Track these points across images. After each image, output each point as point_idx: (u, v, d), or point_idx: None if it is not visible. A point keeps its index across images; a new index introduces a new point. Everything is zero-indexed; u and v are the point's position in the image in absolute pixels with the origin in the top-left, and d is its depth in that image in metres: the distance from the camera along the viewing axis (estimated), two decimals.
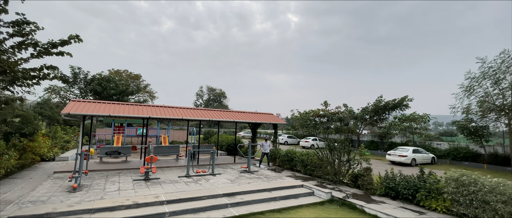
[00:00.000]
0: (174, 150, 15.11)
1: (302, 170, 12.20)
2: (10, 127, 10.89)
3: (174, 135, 27.83)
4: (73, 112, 10.10)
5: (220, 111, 15.30)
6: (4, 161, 9.24)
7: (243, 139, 33.47)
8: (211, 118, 13.05)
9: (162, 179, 9.56)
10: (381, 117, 29.99)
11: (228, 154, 18.70)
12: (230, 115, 14.50)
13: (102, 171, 10.86)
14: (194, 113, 13.54)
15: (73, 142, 18.83)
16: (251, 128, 17.66)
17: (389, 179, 8.74)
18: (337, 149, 10.41)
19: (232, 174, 11.01)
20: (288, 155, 13.06)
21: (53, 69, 7.72)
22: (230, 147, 18.65)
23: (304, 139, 31.59)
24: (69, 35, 7.69)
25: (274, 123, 15.47)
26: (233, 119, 13.74)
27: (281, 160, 13.71)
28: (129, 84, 34.76)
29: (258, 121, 14.60)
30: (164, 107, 13.42)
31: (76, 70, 26.98)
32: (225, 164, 13.74)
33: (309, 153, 12.25)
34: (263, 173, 11.70)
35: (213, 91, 69.68)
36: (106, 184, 8.56)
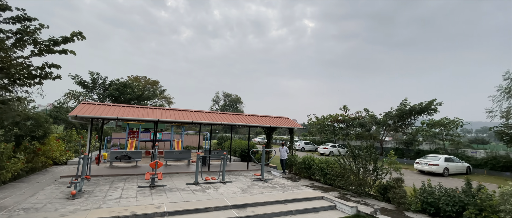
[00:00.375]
0: (185, 155, 14.51)
1: (321, 179, 11.06)
2: (21, 130, 10.77)
3: (188, 140, 27.49)
4: (81, 115, 9.76)
5: (233, 114, 14.55)
6: (11, 165, 9.00)
7: (258, 145, 32.54)
8: (223, 122, 12.31)
9: (169, 186, 8.86)
10: (406, 123, 27.92)
11: (242, 160, 17.84)
12: (243, 119, 13.70)
13: (109, 176, 10.40)
14: (205, 116, 12.89)
15: None
16: (265, 133, 16.74)
17: (426, 192, 7.44)
18: (362, 156, 9.21)
19: (244, 182, 10.12)
20: (306, 163, 11.97)
21: (55, 68, 7.35)
22: (244, 153, 17.80)
23: (322, 145, 30.07)
24: (71, 32, 7.30)
25: (290, 128, 14.46)
26: (246, 123, 12.92)
27: (298, 168, 12.64)
28: (145, 89, 35.22)
29: (273, 126, 13.67)
30: (174, 110, 12.89)
31: (95, 75, 27.57)
32: (237, 171, 12.88)
33: (329, 160, 11.11)
34: (278, 181, 10.70)
35: (229, 97, 69.64)
36: (109, 191, 7.99)
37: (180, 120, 11.48)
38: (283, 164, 13.19)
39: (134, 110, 11.57)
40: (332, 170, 10.52)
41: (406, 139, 28.33)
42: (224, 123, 12.32)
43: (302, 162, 12.25)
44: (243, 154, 17.85)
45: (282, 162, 13.20)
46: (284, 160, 13.12)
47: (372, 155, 9.18)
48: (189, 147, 26.38)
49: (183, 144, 22.58)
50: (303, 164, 12.11)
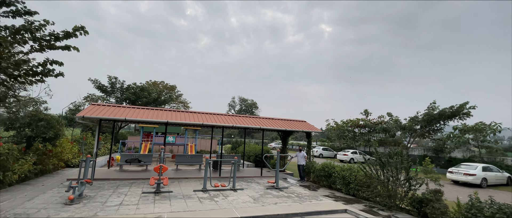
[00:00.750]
0: (197, 159, 13.90)
1: (343, 189, 9.91)
2: (33, 131, 10.65)
3: (202, 144, 27.07)
4: (88, 116, 9.42)
5: (246, 117, 13.79)
6: (18, 167, 8.78)
7: (273, 150, 31.49)
8: (235, 124, 11.57)
9: (175, 193, 8.18)
10: (435, 128, 25.76)
11: (256, 166, 16.95)
12: (256, 122, 12.88)
13: (115, 180, 9.94)
14: (217, 118, 12.21)
15: (103, 149, 18.88)
16: (281, 137, 15.79)
17: (475, 207, 6.16)
18: (392, 164, 8.02)
19: (257, 190, 9.23)
20: (326, 170, 10.87)
21: (57, 64, 6.98)
22: (258, 158, 16.91)
23: (342, 152, 28.46)
24: (73, 26, 6.92)
25: (308, 132, 13.42)
26: (260, 126, 12.08)
27: (317, 176, 11.55)
28: (161, 93, 35.54)
29: (289, 129, 12.72)
30: (185, 112, 12.36)
31: (113, 79, 28.08)
32: (250, 178, 12.01)
33: (352, 168, 9.96)
34: (294, 190, 9.70)
35: (245, 102, 69.36)
36: (110, 197, 7.43)
37: (190, 122, 10.89)
38: (301, 171, 12.15)
39: (144, 112, 11.14)
40: (356, 179, 9.36)
41: (435, 146, 26.08)
42: (236, 125, 11.56)
43: (321, 169, 11.16)
44: (257, 159, 16.97)
45: (300, 169, 12.16)
46: (302, 166, 12.08)
47: (404, 163, 7.96)
48: (203, 151, 25.91)
49: (196, 148, 22.11)
50: (323, 171, 11.01)
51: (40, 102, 11.25)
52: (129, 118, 9.92)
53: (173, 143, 21.19)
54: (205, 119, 11.56)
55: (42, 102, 11.33)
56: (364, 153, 28.88)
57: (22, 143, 10.61)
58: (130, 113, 10.52)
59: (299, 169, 12.28)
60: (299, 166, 12.15)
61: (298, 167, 12.29)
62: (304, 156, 12.46)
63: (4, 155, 8.04)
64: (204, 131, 60.33)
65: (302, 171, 12.11)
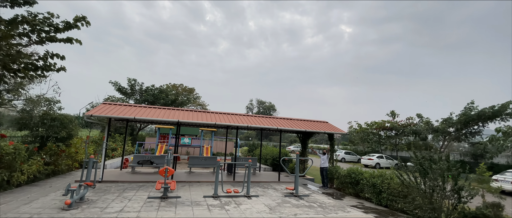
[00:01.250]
0: (211, 161, 13.17)
1: (373, 198, 8.62)
2: (46, 130, 10.48)
3: (218, 146, 26.48)
4: (97, 114, 9.00)
5: (262, 117, 12.85)
6: (26, 167, 8.51)
7: (292, 153, 30.20)
8: (250, 125, 10.68)
9: (183, 198, 7.42)
10: (472, 130, 23.22)
11: (273, 170, 15.93)
12: (273, 122, 11.91)
13: (124, 182, 9.42)
14: (231, 118, 11.41)
15: (120, 150, 18.83)
16: (300, 139, 14.67)
17: None
18: (436, 171, 6.67)
19: (273, 198, 8.23)
20: (352, 176, 9.62)
21: (59, 58, 6.50)
22: (276, 162, 15.88)
23: (367, 156, 26.55)
24: (74, 16, 6.42)
25: (330, 133, 12.20)
26: (277, 127, 11.09)
27: (341, 182, 10.31)
28: (179, 95, 35.66)
29: (309, 130, 11.59)
30: (197, 112, 11.69)
31: (132, 81, 28.47)
32: (267, 183, 11.03)
33: (383, 174, 8.65)
34: (316, 199, 8.58)
35: (263, 104, 68.57)
36: (113, 201, 6.82)
37: (203, 122, 10.16)
38: (324, 176, 10.96)
39: (154, 111, 10.60)
40: (389, 187, 8.06)
41: (473, 151, 23.45)
42: (252, 126, 10.67)
43: (347, 175, 9.91)
44: (275, 163, 15.95)
45: (323, 173, 10.98)
46: (325, 170, 10.90)
47: (452, 170, 6.58)
48: (220, 153, 25.29)
49: (212, 150, 21.52)
50: (349, 177, 9.77)
51: (54, 102, 11.09)
52: (138, 117, 9.39)
53: (189, 145, 20.75)
54: (218, 119, 10.80)
55: (56, 102, 11.16)
56: (391, 157, 26.75)
57: (35, 143, 10.50)
58: (141, 112, 10.01)
59: (322, 174, 11.11)
60: (322, 170, 10.97)
61: (321, 172, 11.12)
62: (328, 159, 11.28)
63: (10, 155, 7.76)
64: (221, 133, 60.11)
65: (325, 176, 10.91)
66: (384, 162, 25.61)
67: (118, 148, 18.85)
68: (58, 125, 10.95)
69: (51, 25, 6.11)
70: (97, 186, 8.59)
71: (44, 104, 10.97)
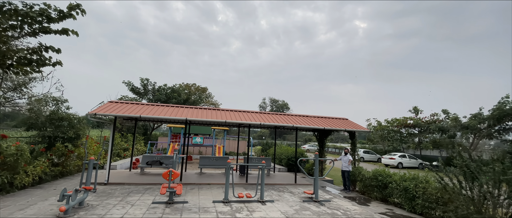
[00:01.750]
0: (222, 162, 12.49)
1: (405, 205, 7.54)
2: (53, 131, 10.18)
3: (231, 145, 25.86)
4: (102, 113, 8.51)
5: (276, 114, 11.99)
6: (31, 169, 8.17)
7: (308, 153, 29.07)
8: (263, 122, 9.87)
9: (190, 204, 6.74)
10: (507, 127, 21.20)
11: (289, 171, 15.03)
12: (288, 119, 11.02)
13: (131, 185, 8.89)
14: (243, 116, 10.64)
15: None
16: (317, 138, 13.67)
17: None
18: (489, 175, 5.54)
19: (291, 204, 7.37)
20: (379, 179, 8.56)
21: (54, 51, 5.99)
22: (291, 162, 14.96)
23: (388, 155, 24.97)
24: (68, 4, 5.86)
25: (351, 131, 11.14)
26: (293, 124, 10.19)
27: (366, 185, 9.26)
28: (192, 94, 35.45)
29: (328, 128, 10.60)
30: (207, 109, 11.02)
31: (145, 81, 28.45)
32: (282, 185, 10.17)
33: (416, 177, 7.55)
34: (338, 204, 7.64)
35: (276, 103, 67.63)
36: (114, 207, 6.23)
37: (212, 120, 9.46)
38: (346, 178, 9.96)
39: (162, 109, 10.03)
40: (425, 192, 6.97)
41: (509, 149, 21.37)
42: (265, 124, 9.85)
43: (372, 178, 8.86)
44: (290, 163, 15.03)
45: (345, 175, 9.98)
46: (348, 173, 9.88)
47: (508, 173, 5.43)
48: (232, 153, 24.67)
49: (225, 149, 20.91)
50: (375, 180, 8.71)
51: (61, 101, 10.79)
52: (144, 116, 8.82)
53: (201, 144, 20.26)
54: (230, 117, 10.06)
55: (63, 101, 10.86)
56: (414, 156, 25.04)
57: (43, 143, 10.25)
58: (147, 111, 9.45)
59: (343, 176, 10.10)
60: (344, 173, 9.96)
61: (342, 174, 10.11)
62: (350, 160, 10.23)
63: (11, 157, 7.40)
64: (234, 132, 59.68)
65: (347, 178, 9.90)
66: (407, 162, 23.98)
67: (130, 148, 18.64)
68: (66, 125, 10.67)
69: (42, 14, 5.56)
70: (101, 189, 8.10)
71: (51, 104, 10.68)
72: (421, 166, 24.35)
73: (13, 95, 9.07)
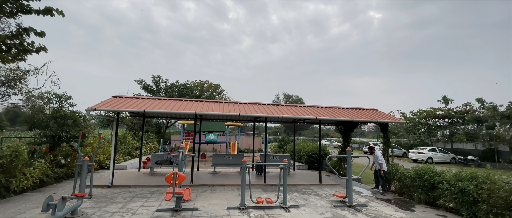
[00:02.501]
0: (237, 160, 11.45)
1: (463, 211, 6.11)
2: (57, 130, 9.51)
3: (246, 142, 24.82)
4: (102, 108, 7.66)
5: (295, 106, 10.74)
6: (30, 171, 7.48)
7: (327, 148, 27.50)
8: (281, 115, 8.67)
9: (200, 211, 5.70)
10: None
11: (309, 168, 13.76)
12: (309, 111, 9.74)
13: (137, 187, 8.02)
14: (258, 109, 9.49)
15: (144, 149, 18.03)
16: (341, 132, 12.28)
17: None
18: None
19: (320, 210, 6.16)
20: (424, 178, 7.14)
21: (37, 34, 5.09)
22: (312, 159, 13.67)
23: (416, 149, 22.99)
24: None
25: (383, 122, 9.70)
26: (316, 116, 8.91)
27: (406, 185, 7.86)
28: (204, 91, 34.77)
29: (357, 119, 9.22)
30: (218, 102, 9.97)
31: (157, 78, 27.98)
32: (306, 186, 8.96)
33: (476, 176, 6.10)
34: (378, 210, 6.34)
35: (290, 98, 66.16)
36: (112, 216, 5.30)
37: (225, 113, 8.38)
38: (379, 178, 8.61)
39: (169, 103, 9.08)
40: (492, 195, 5.53)
41: None
42: (284, 116, 8.65)
43: (415, 177, 7.45)
44: (311, 161, 13.74)
45: (378, 175, 8.63)
46: (379, 172, 8.52)
47: None
48: (247, 150, 23.65)
49: (239, 146, 19.89)
50: (418, 180, 7.30)
51: (65, 98, 10.12)
52: (149, 110, 7.89)
53: (215, 142, 19.35)
54: (244, 110, 8.95)
55: (67, 98, 10.19)
56: (446, 150, 22.90)
57: (46, 143, 9.64)
58: (152, 105, 8.52)
59: (376, 176, 8.76)
60: (378, 172, 8.60)
61: (375, 173, 8.76)
62: (380, 158, 8.87)
63: (5, 158, 6.69)
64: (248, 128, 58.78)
65: (381, 178, 8.53)
66: (438, 156, 21.93)
67: (143, 146, 18.05)
68: (70, 123, 10.00)
69: None
70: (104, 192, 7.27)
71: (55, 101, 10.03)
72: (453, 160, 22.23)
73: (6, 91, 8.42)
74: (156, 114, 11.21)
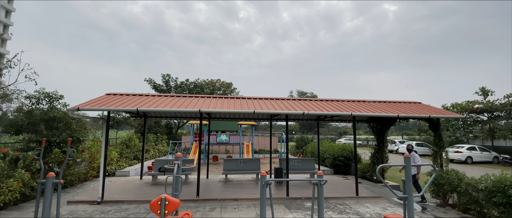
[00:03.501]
0: (252, 165, 9.87)
1: None
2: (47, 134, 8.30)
3: (260, 142, 23.17)
4: (86, 107, 6.28)
5: (321, 101, 8.96)
6: (7, 184, 6.24)
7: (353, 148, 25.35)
8: (307, 111, 6.95)
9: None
10: None
11: (335, 173, 11.95)
12: (340, 106, 7.94)
13: (131, 203, 6.60)
14: (275, 104, 7.83)
15: (152, 151, 16.86)
16: (375, 130, 10.38)
17: None
18: None
19: None
20: (508, 193, 5.18)
21: None
22: (338, 162, 11.83)
23: (452, 148, 20.47)
24: None
25: (435, 118, 7.74)
26: (350, 112, 7.11)
27: (475, 200, 5.93)
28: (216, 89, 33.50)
29: (403, 115, 7.33)
30: (228, 98, 8.40)
31: (166, 77, 26.97)
32: (339, 200, 7.19)
33: None
34: None
35: (304, 95, 64.11)
36: None
37: (237, 111, 6.78)
38: (418, 185, 6.93)
39: (169, 100, 7.61)
40: None
41: None
42: (310, 112, 6.93)
43: (494, 191, 5.50)
44: (337, 164, 11.90)
45: (418, 184, 6.94)
46: (413, 177, 6.85)
47: None
48: (262, 151, 22.01)
49: (253, 147, 18.29)
50: (500, 195, 5.35)
51: (56, 98, 8.92)
52: (144, 109, 6.43)
53: (227, 143, 17.86)
54: (259, 106, 7.31)
55: (58, 98, 8.98)
56: (487, 149, 20.22)
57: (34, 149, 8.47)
58: (150, 103, 7.06)
59: (415, 183, 7.06)
60: (413, 177, 6.87)
61: (414, 181, 7.04)
62: (419, 160, 7.17)
63: None
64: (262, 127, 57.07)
65: (418, 184, 6.88)
66: (478, 155, 19.35)
67: (150, 149, 16.87)
68: (61, 126, 8.78)
69: None
70: (89, 211, 5.88)
71: (45, 101, 8.84)
72: (496, 160, 19.57)
73: None
74: (154, 113, 9.82)
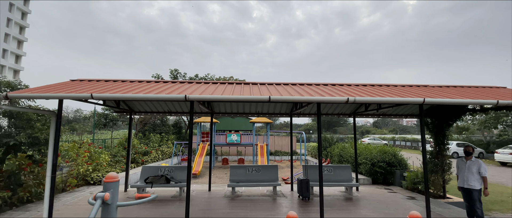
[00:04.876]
0: (267, 175, 7.56)
1: None
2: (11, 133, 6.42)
3: (276, 142, 20.65)
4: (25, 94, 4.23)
5: (365, 86, 6.44)
6: None
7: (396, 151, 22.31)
8: (352, 97, 4.48)
9: None
10: None
11: (373, 182, 9.34)
12: (383, 91, 5.39)
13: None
14: (300, 90, 5.43)
15: (154, 153, 14.94)
16: (432, 127, 7.66)
17: None
18: None
19: None
20: None
21: None
22: (378, 169, 9.20)
23: (507, 149, 17.02)
24: None
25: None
26: (422, 98, 4.55)
27: None
28: None
29: (504, 102, 4.68)
30: (233, 84, 6.13)
31: (175, 72, 25.25)
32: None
33: None
34: None
35: None
36: None
37: (240, 96, 4.45)
38: (476, 205, 4.46)
39: (148, 86, 5.40)
40: None
41: None
42: (357, 98, 4.46)
43: None
44: (376, 171, 9.28)
45: (474, 197, 4.57)
46: (478, 193, 4.41)
47: None
48: (278, 152, 19.53)
49: (268, 149, 15.90)
50: None
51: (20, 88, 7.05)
52: (98, 95, 4.27)
53: (238, 143, 15.59)
54: (276, 92, 4.93)
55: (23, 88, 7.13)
56: None
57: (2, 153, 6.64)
58: (115, 88, 4.88)
59: (470, 199, 4.56)
60: (472, 193, 4.47)
61: (468, 194, 4.52)
62: (485, 169, 4.54)
63: None
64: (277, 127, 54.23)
65: (479, 203, 4.37)
66: None
67: (152, 150, 14.96)
68: (24, 125, 6.90)
69: None
70: None
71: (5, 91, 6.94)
72: None
73: None
74: (113, 98, 7.75)
